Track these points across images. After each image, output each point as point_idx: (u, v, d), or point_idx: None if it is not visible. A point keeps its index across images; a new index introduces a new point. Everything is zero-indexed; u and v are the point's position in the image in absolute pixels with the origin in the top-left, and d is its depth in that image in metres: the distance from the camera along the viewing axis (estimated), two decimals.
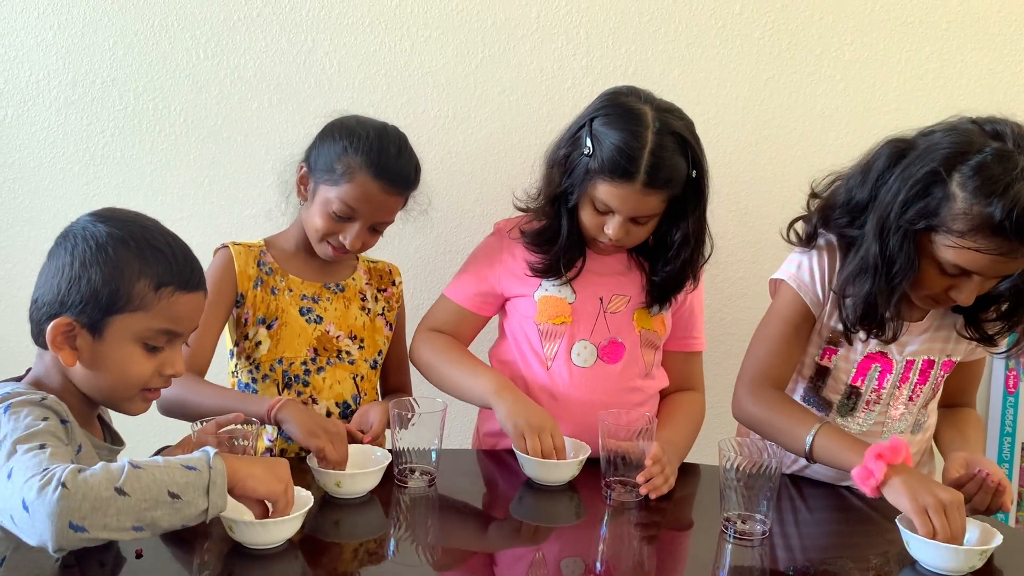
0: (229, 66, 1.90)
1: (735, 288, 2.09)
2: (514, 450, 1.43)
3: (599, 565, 1.20)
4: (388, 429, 1.46)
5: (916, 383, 1.48)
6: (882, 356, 1.46)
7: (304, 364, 1.55)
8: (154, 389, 1.17)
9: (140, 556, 1.10)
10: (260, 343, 1.54)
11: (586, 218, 1.49)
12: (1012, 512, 2.20)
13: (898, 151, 1.32)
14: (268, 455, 1.55)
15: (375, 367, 1.63)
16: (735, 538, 1.24)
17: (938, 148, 1.26)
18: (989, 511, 1.30)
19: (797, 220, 1.48)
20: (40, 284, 1.12)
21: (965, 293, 1.31)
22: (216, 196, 1.95)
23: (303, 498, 1.17)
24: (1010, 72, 2.01)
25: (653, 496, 1.36)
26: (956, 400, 1.58)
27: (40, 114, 1.89)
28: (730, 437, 1.27)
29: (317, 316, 1.57)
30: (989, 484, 1.28)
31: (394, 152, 1.50)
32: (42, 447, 0.97)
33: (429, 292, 1.99)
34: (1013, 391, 2.17)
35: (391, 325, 1.66)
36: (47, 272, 1.12)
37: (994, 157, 1.22)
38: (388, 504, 1.33)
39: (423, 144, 1.61)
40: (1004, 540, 1.17)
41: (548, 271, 1.54)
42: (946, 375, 1.50)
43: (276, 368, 1.54)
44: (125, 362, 1.11)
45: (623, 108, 1.44)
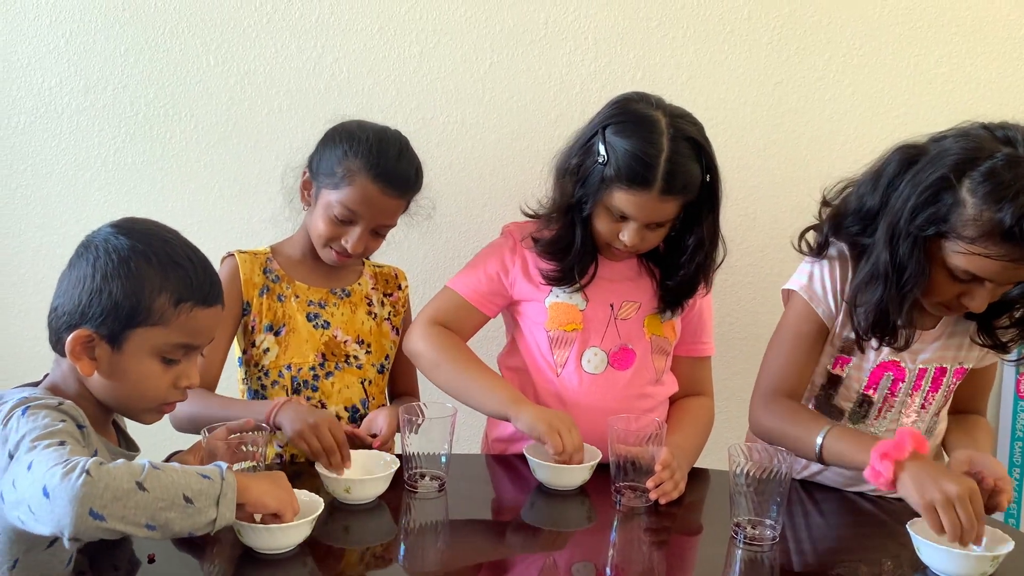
0: (239, 72, 1.91)
1: (744, 293, 2.09)
2: (526, 455, 1.43)
3: (609, 570, 1.20)
4: (397, 434, 1.46)
5: (928, 391, 1.48)
6: (895, 364, 1.45)
7: (312, 370, 1.56)
8: (171, 403, 1.18)
9: (152, 561, 1.10)
10: (268, 350, 1.55)
11: (601, 226, 1.49)
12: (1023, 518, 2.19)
13: (909, 157, 1.32)
14: (279, 460, 1.56)
15: (383, 371, 1.64)
16: (745, 543, 1.24)
17: (949, 154, 1.26)
18: (987, 511, 1.29)
19: (808, 229, 1.48)
20: (60, 293, 1.13)
21: (977, 300, 1.30)
22: (226, 201, 1.96)
23: (312, 503, 1.17)
24: (1020, 76, 2.01)
25: (663, 501, 1.35)
26: (967, 407, 1.57)
27: (52, 120, 1.91)
28: (740, 442, 1.27)
29: (324, 321, 1.58)
30: (986, 485, 1.27)
31: (394, 155, 1.50)
32: (62, 444, 0.98)
33: None
34: None
35: (397, 329, 1.67)
36: (68, 281, 1.12)
37: (1004, 163, 1.21)
38: (398, 509, 1.33)
39: (432, 150, 1.61)
40: (1016, 546, 1.17)
41: (562, 279, 1.54)
42: (958, 382, 1.50)
43: (285, 374, 1.55)
44: (143, 374, 1.12)
45: (636, 115, 1.44)
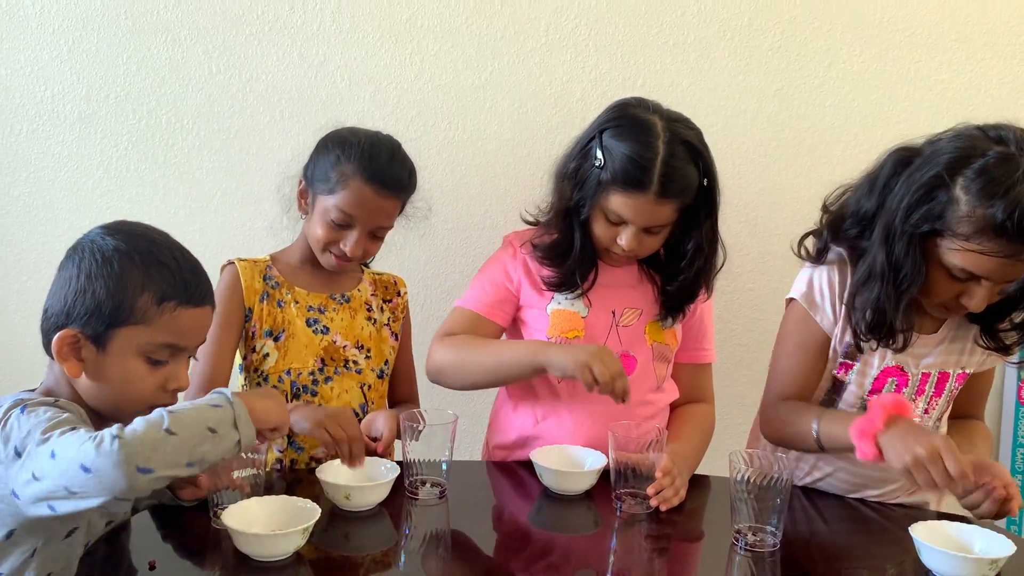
0: (241, 80, 1.92)
1: (745, 299, 2.09)
2: (533, 461, 1.43)
3: None
4: (397, 440, 1.47)
5: (932, 396, 1.48)
6: (898, 370, 1.45)
7: (312, 374, 1.56)
8: (158, 406, 1.18)
9: (153, 568, 1.10)
10: (268, 355, 1.55)
11: (599, 229, 1.50)
12: None
13: (904, 158, 1.33)
14: (279, 466, 1.56)
15: (382, 377, 1.64)
16: (746, 550, 1.23)
17: (942, 153, 1.27)
18: (998, 516, 1.29)
19: (807, 235, 1.48)
20: (50, 295, 1.14)
21: (976, 299, 1.30)
22: (228, 209, 1.97)
23: (308, 511, 1.17)
24: (1020, 83, 2.01)
25: (664, 508, 1.35)
26: (966, 412, 1.57)
27: (55, 128, 1.92)
28: (740, 449, 1.26)
29: (324, 327, 1.58)
30: (998, 494, 1.27)
31: (386, 156, 1.52)
32: (74, 429, 1.00)
33: (438, 304, 2.00)
34: None
35: (397, 335, 1.67)
36: (56, 284, 1.14)
37: (997, 160, 1.22)
38: (398, 516, 1.33)
39: (432, 157, 1.62)
40: (1017, 550, 1.17)
41: (563, 284, 1.54)
42: (960, 387, 1.50)
43: (284, 379, 1.55)
44: (128, 375, 1.13)
45: (633, 119, 1.45)
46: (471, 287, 1.63)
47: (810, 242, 1.48)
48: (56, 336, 1.10)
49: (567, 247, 1.52)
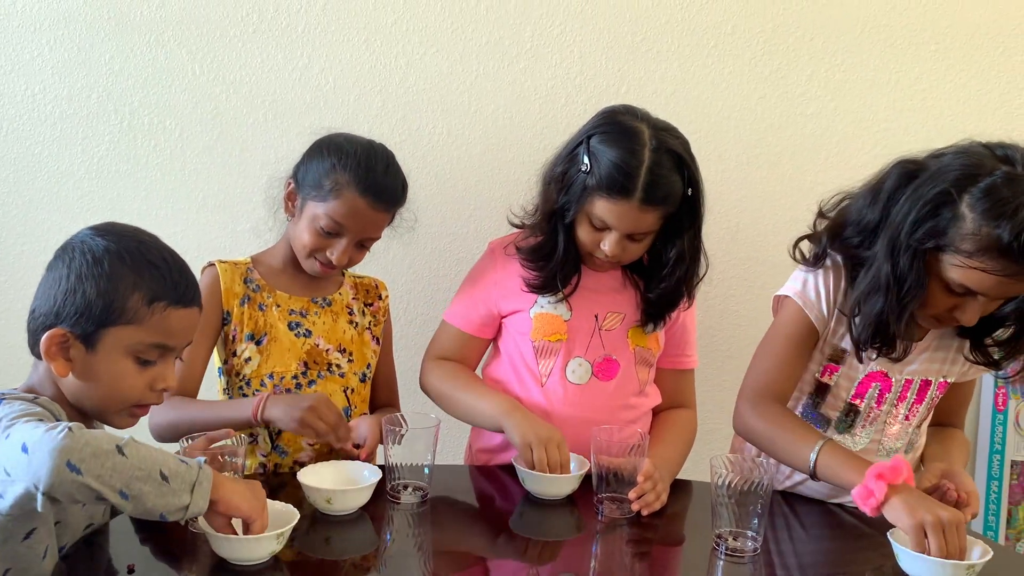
0: (225, 82, 1.91)
1: (727, 305, 2.10)
2: (514, 464, 1.43)
3: None
4: (380, 444, 1.46)
5: (913, 402, 1.49)
6: (882, 375, 1.47)
7: (295, 378, 1.55)
8: (144, 405, 1.18)
9: (132, 572, 1.09)
10: (250, 359, 1.54)
11: (583, 234, 1.50)
12: (1002, 530, 2.21)
13: (908, 172, 1.34)
14: (263, 470, 1.55)
15: (364, 380, 1.64)
16: (726, 555, 1.24)
17: (949, 170, 1.28)
18: None
19: (803, 239, 1.49)
20: (38, 295, 1.14)
21: (968, 314, 1.32)
22: (210, 211, 1.96)
23: (287, 514, 1.17)
24: (997, 92, 2.04)
25: (645, 512, 1.36)
26: (945, 420, 1.59)
27: (35, 128, 1.90)
28: (722, 454, 1.27)
29: (306, 330, 1.57)
30: (950, 496, 1.30)
31: (381, 169, 1.51)
32: (41, 420, 1.00)
33: (424, 308, 2.00)
34: (1002, 409, 2.19)
35: (378, 339, 1.67)
36: (45, 284, 1.14)
37: (1004, 180, 1.23)
38: (380, 520, 1.33)
39: (417, 161, 1.61)
40: (994, 556, 1.18)
41: (544, 287, 1.55)
42: (941, 395, 1.52)
43: (267, 383, 1.54)
44: (117, 374, 1.13)
45: (620, 126, 1.45)
46: (458, 299, 1.65)
47: (805, 246, 1.49)
48: (45, 335, 1.09)
49: (551, 250, 1.53)
